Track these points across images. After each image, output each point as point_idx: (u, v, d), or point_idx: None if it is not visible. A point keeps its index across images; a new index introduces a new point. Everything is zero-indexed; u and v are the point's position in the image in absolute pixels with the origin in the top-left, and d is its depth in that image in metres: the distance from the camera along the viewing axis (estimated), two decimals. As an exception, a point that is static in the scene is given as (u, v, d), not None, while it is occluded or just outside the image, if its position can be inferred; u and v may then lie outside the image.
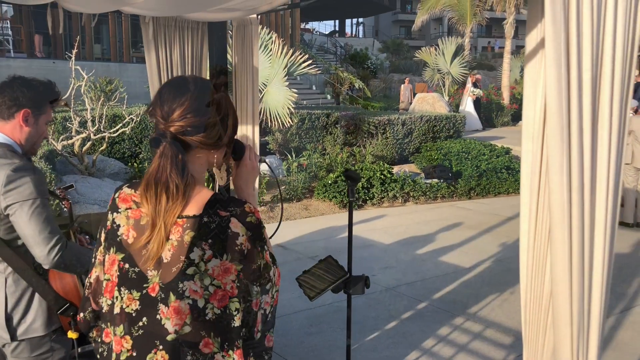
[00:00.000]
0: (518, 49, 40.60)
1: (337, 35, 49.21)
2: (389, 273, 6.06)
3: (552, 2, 1.18)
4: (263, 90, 9.40)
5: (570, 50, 1.21)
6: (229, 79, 3.55)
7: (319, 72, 10.88)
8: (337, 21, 52.00)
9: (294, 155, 10.29)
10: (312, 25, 50.74)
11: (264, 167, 10.24)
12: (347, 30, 54.71)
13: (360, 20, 55.54)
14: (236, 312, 1.44)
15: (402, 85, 20.03)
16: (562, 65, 1.20)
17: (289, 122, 9.26)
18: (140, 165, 8.95)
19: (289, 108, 9.08)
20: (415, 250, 6.92)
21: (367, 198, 9.27)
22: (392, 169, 10.02)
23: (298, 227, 7.91)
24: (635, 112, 8.67)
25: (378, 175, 9.35)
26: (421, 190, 9.63)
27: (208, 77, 3.05)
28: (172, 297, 1.43)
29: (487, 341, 4.46)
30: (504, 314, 4.97)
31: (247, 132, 2.87)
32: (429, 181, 10.00)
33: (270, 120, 9.50)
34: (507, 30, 18.60)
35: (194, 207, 1.46)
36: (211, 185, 3.17)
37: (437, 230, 7.84)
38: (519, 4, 18.18)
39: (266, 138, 11.19)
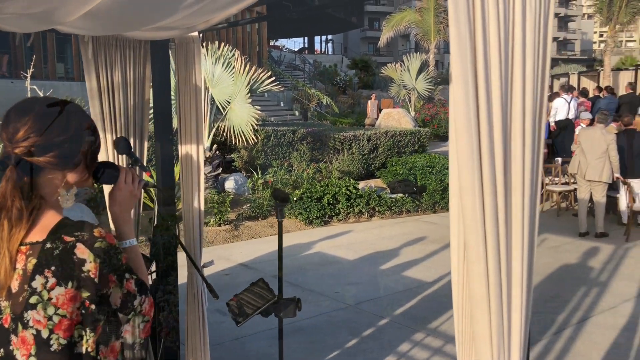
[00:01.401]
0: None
1: (306, 52, 49.55)
2: (352, 289, 6.03)
3: (456, 20, 1.18)
4: (227, 107, 9.36)
5: (478, 67, 1.21)
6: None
7: (283, 89, 10.89)
8: (306, 38, 52.38)
9: (259, 173, 10.24)
10: (282, 42, 51.02)
11: (229, 185, 10.16)
12: (317, 47, 55.16)
13: (329, 37, 56.05)
14: (79, 339, 1.40)
15: (369, 101, 20.21)
16: (469, 83, 1.20)
17: (253, 139, 9.21)
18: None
19: (252, 125, 9.05)
20: (379, 265, 6.91)
21: (333, 214, 9.26)
22: (358, 184, 10.05)
23: (262, 245, 7.84)
24: (591, 124, 8.86)
25: (344, 191, 9.35)
26: (386, 205, 9.66)
27: (151, 98, 2.99)
28: (20, 327, 1.39)
29: (446, 356, 4.45)
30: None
31: (192, 152, 2.83)
32: (394, 196, 10.05)
33: (235, 138, 9.44)
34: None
35: (39, 233, 1.40)
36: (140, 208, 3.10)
37: (401, 245, 7.86)
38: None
39: (232, 155, 11.13)
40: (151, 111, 3.03)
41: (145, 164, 2.92)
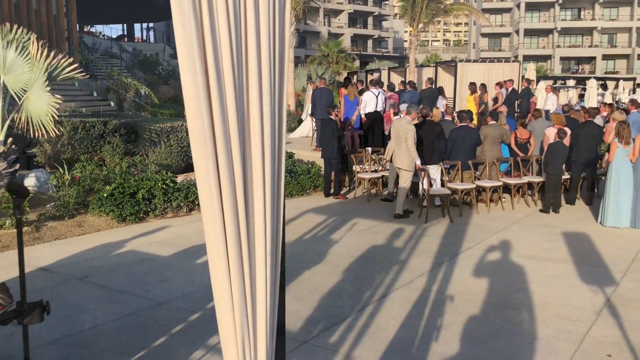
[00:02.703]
0: (306, 58, 42.84)
1: (125, 39, 46.82)
2: (164, 287, 5.82)
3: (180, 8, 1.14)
4: (22, 96, 8.42)
5: (207, 53, 1.18)
6: None
7: (87, 76, 10.10)
8: (125, 25, 49.49)
9: (65, 168, 9.41)
10: (98, 28, 47.57)
11: (29, 182, 9.21)
12: (137, 34, 52.42)
13: (151, 25, 53.60)
14: None
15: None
16: (196, 66, 1.16)
17: (54, 130, 8.42)
18: None
19: (53, 116, 8.26)
20: (195, 260, 6.77)
21: (149, 210, 8.86)
22: (177, 177, 9.73)
23: (68, 247, 7.23)
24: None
25: (160, 185, 8.99)
26: (206, 197, 9.49)
27: None
28: None
29: (256, 344, 4.49)
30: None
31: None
32: (214, 188, 9.92)
33: (34, 130, 8.55)
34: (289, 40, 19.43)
35: None
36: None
37: (219, 237, 7.78)
38: (299, 14, 19.12)
39: (33, 150, 10.09)
40: None
41: None
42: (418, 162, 8.81)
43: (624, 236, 7.84)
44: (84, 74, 9.27)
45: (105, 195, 8.48)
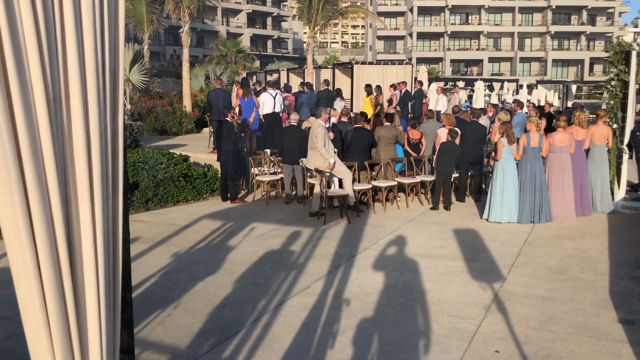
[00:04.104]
0: (204, 58, 41.85)
1: None
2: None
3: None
4: None
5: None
6: None
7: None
8: None
9: None
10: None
11: None
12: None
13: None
14: None
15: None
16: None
17: None
18: None
19: None
20: None
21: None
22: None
23: None
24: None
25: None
26: (93, 206, 8.88)
27: None
28: None
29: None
30: (165, 331, 4.78)
31: None
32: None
33: None
34: (184, 39, 18.81)
35: None
36: None
37: (106, 248, 7.28)
38: (193, 13, 18.55)
39: None
40: None
41: None
42: (332, 161, 8.85)
43: (510, 231, 8.24)
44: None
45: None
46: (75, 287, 1.19)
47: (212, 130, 13.90)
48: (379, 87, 15.38)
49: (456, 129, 9.86)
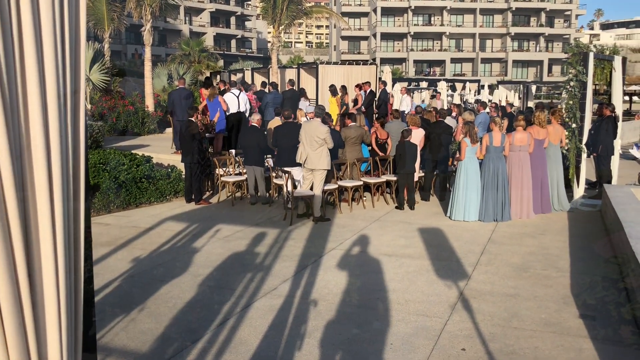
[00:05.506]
0: (167, 57, 41.20)
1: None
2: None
3: None
4: None
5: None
6: None
7: None
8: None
9: None
10: None
11: None
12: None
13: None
14: None
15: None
16: None
17: None
18: None
19: None
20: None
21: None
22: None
23: None
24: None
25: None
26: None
27: None
28: None
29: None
30: (128, 336, 4.66)
31: None
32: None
33: None
34: (146, 38, 18.45)
35: None
36: None
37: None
38: (155, 11, 18.23)
39: None
40: None
41: None
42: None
43: (474, 230, 8.36)
44: None
45: None
46: (33, 293, 1.13)
47: (175, 130, 13.67)
48: (344, 87, 15.40)
49: (409, 128, 9.91)
